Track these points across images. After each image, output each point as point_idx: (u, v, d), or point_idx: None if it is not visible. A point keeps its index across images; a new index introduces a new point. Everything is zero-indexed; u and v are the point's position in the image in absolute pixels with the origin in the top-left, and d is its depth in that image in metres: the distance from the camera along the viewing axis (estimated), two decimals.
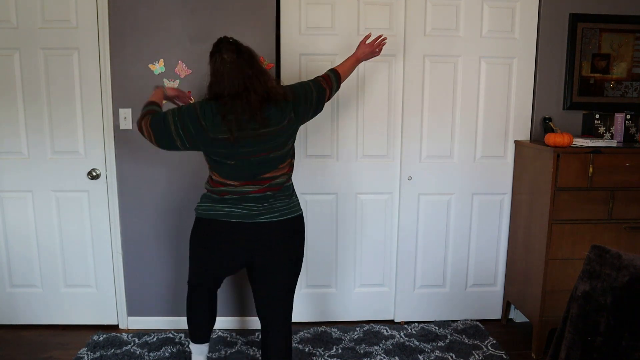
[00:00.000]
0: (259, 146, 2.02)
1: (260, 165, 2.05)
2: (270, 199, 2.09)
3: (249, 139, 2.00)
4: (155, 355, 2.75)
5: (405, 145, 3.02)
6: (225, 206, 2.08)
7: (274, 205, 2.09)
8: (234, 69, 1.98)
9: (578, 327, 1.55)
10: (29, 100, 2.86)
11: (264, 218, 2.07)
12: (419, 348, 2.85)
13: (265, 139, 2.02)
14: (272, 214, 2.08)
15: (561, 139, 2.64)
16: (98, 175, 2.94)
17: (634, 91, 3.05)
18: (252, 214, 2.06)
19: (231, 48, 2.01)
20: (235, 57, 1.99)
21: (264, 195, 2.08)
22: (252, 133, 1.99)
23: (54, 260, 3.03)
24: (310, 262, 3.13)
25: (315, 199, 3.05)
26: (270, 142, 2.04)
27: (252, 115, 1.97)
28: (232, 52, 2.00)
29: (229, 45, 2.02)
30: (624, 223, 2.71)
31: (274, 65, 2.87)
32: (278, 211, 2.09)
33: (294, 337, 2.95)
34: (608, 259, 1.53)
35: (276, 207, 2.09)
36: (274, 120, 2.03)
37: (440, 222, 3.13)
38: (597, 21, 2.95)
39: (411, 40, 2.93)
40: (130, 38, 2.81)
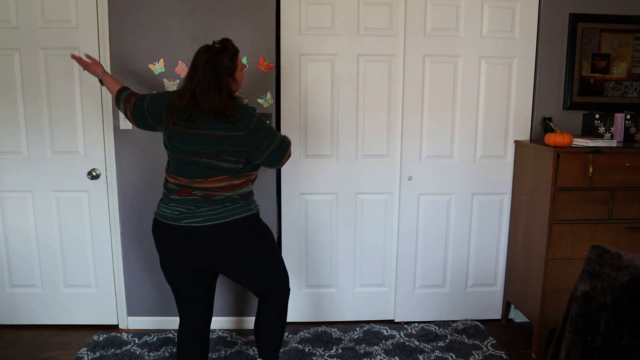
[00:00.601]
0: (189, 146, 2.01)
1: (191, 166, 2.02)
2: (194, 203, 2.03)
3: (179, 134, 2.02)
4: (155, 355, 2.75)
5: (405, 145, 3.02)
6: (160, 205, 2.11)
7: (197, 211, 2.02)
8: (198, 68, 1.99)
9: (578, 327, 1.55)
10: (29, 100, 2.86)
11: (186, 222, 2.02)
12: (419, 348, 2.85)
13: (195, 140, 2.00)
14: (194, 219, 2.01)
15: (561, 139, 2.64)
16: (98, 175, 2.94)
17: (634, 91, 3.05)
18: (175, 216, 2.03)
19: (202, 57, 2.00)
20: (204, 62, 1.99)
21: (192, 198, 2.03)
22: (182, 130, 2.01)
23: (54, 260, 3.03)
24: (310, 262, 3.13)
25: (315, 199, 3.05)
26: (200, 145, 2.00)
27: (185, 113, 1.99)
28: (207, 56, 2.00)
29: (210, 48, 2.02)
30: (624, 223, 2.71)
31: (274, 65, 2.87)
32: (201, 216, 2.02)
33: (294, 337, 2.95)
34: (608, 259, 1.53)
35: (200, 212, 2.02)
36: (205, 125, 1.99)
37: (440, 222, 3.13)
38: (597, 21, 2.95)
39: (411, 40, 2.93)
40: (130, 38, 2.81)
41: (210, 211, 2.02)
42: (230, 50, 2.03)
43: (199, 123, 1.98)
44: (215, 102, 1.97)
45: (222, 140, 2.00)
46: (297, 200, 3.03)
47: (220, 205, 2.03)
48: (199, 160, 2.02)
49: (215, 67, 1.98)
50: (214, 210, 2.02)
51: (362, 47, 2.92)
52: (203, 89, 1.97)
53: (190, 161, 2.03)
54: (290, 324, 3.15)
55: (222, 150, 2.01)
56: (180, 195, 2.04)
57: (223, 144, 2.00)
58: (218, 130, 1.99)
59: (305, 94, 2.96)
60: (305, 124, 2.98)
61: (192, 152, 2.01)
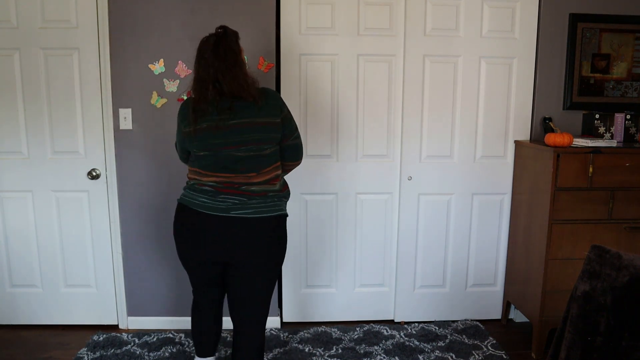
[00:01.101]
0: (225, 138, 1.97)
1: (233, 160, 1.99)
2: (246, 196, 2.01)
3: (214, 130, 1.97)
4: (155, 355, 2.75)
5: (405, 145, 3.03)
6: (200, 195, 2.04)
7: (248, 203, 2.01)
8: (207, 56, 1.98)
9: (578, 327, 1.55)
10: (29, 100, 2.86)
11: (237, 213, 2.00)
12: (419, 348, 2.85)
13: (235, 130, 1.96)
14: (246, 210, 2.00)
15: (561, 139, 2.64)
16: (98, 175, 2.94)
17: (634, 91, 3.05)
18: (225, 207, 2.00)
19: (210, 40, 2.00)
20: (211, 49, 1.97)
21: (241, 192, 2.01)
22: (215, 124, 1.96)
23: (54, 260, 3.03)
24: (311, 262, 3.13)
25: (315, 199, 3.05)
26: (242, 135, 1.97)
27: (215, 106, 1.96)
28: (209, 43, 1.99)
29: (217, 34, 2.01)
30: (624, 223, 2.71)
31: (274, 65, 2.87)
32: (253, 208, 2.01)
33: (294, 337, 2.95)
34: (608, 259, 1.53)
35: (251, 204, 2.01)
36: (241, 113, 1.97)
37: (440, 222, 3.13)
38: (597, 21, 2.95)
39: (411, 40, 2.93)
40: (130, 38, 2.81)
41: (261, 203, 2.02)
42: (232, 33, 2.03)
43: (231, 113, 1.96)
44: (240, 82, 1.96)
45: (259, 128, 1.98)
46: (297, 200, 3.03)
47: (269, 199, 2.05)
48: (238, 152, 1.98)
49: (227, 49, 1.97)
50: (264, 202, 2.03)
51: (362, 47, 2.92)
52: (225, 72, 1.95)
53: (228, 155, 1.98)
54: (290, 324, 3.16)
55: (260, 138, 1.99)
56: (227, 188, 2.01)
57: (261, 131, 1.99)
58: (252, 117, 1.97)
59: (305, 94, 2.96)
60: (305, 124, 2.98)
61: (233, 144, 1.97)
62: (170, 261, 3.02)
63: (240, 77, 1.97)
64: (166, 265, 3.03)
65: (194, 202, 2.03)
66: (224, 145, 1.98)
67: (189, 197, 2.06)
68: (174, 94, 2.87)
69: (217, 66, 1.95)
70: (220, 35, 1.99)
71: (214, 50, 1.96)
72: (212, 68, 1.96)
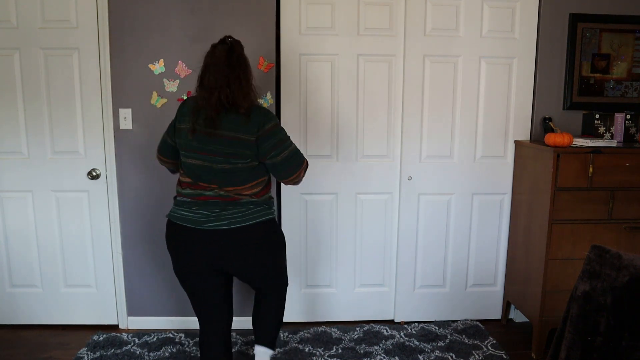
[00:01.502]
0: (210, 146, 2.01)
1: (210, 171, 2.03)
2: (218, 206, 2.04)
3: (203, 135, 2.01)
4: (155, 355, 2.75)
5: (405, 145, 3.03)
6: (180, 209, 2.08)
7: (221, 214, 2.03)
8: (218, 64, 2.02)
9: (578, 327, 1.55)
10: (29, 100, 2.86)
11: (210, 225, 2.02)
12: (419, 348, 2.85)
13: (216, 140, 2.00)
14: (220, 222, 2.02)
15: (561, 139, 2.64)
16: (98, 175, 2.94)
17: (634, 91, 3.05)
18: (199, 220, 2.03)
19: (225, 46, 2.04)
20: (225, 56, 2.02)
21: (215, 202, 2.04)
22: (206, 131, 2.01)
23: (54, 260, 3.03)
24: (311, 262, 3.13)
25: (315, 199, 3.05)
26: (220, 146, 2.00)
27: (211, 114, 2.00)
28: (223, 50, 2.03)
29: (224, 44, 2.05)
30: (624, 223, 2.71)
31: (274, 65, 2.87)
32: (227, 219, 2.03)
33: (294, 337, 2.95)
34: (608, 259, 1.53)
35: (224, 215, 2.03)
36: (228, 125, 2.00)
37: (440, 222, 3.13)
38: (597, 21, 2.95)
39: (411, 40, 2.93)
40: (130, 38, 2.81)
41: (235, 214, 2.03)
42: (239, 43, 2.09)
43: (220, 122, 1.99)
44: (244, 92, 2.01)
45: (232, 142, 2.00)
46: (297, 200, 3.03)
47: (244, 208, 2.05)
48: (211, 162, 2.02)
49: (239, 58, 2.04)
50: (239, 212, 2.04)
51: (362, 47, 2.92)
52: (235, 81, 2.00)
53: (208, 164, 2.02)
54: (290, 324, 3.16)
55: (231, 152, 2.01)
56: (201, 200, 2.04)
57: (234, 145, 2.01)
58: (229, 130, 2.00)
59: (305, 94, 2.96)
60: (305, 124, 2.98)
61: (213, 152, 2.01)
62: (170, 261, 3.01)
63: (246, 87, 2.03)
64: (166, 265, 3.03)
65: (175, 216, 2.09)
66: (199, 150, 2.02)
67: (172, 211, 2.12)
68: (174, 94, 2.87)
69: (228, 74, 2.00)
70: (232, 44, 2.05)
71: (227, 59, 2.01)
72: (222, 76, 2.00)
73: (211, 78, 2.01)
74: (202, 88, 2.04)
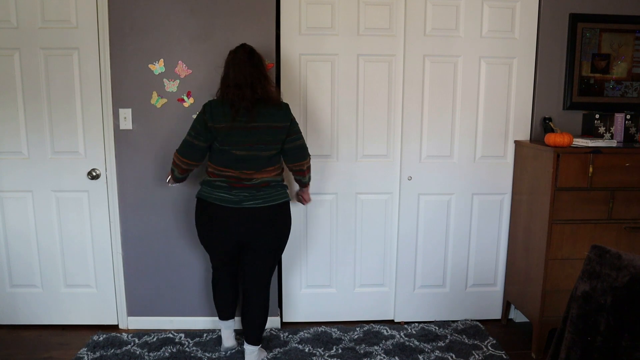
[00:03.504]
0: (247, 137, 2.36)
1: (247, 159, 2.39)
2: (255, 189, 2.42)
3: (239, 129, 2.35)
4: (155, 355, 2.75)
5: (405, 145, 3.03)
6: (217, 191, 2.42)
7: (257, 194, 2.41)
8: (242, 64, 2.37)
9: (578, 327, 1.55)
10: (29, 100, 2.86)
11: (248, 204, 2.40)
12: (419, 348, 2.85)
13: (252, 132, 2.36)
14: (255, 201, 2.41)
15: (561, 139, 2.64)
16: (98, 175, 2.94)
17: (634, 91, 3.05)
18: (237, 199, 2.40)
19: (246, 49, 2.41)
20: (247, 57, 2.38)
21: (251, 185, 2.41)
22: (242, 125, 2.35)
23: (54, 260, 3.03)
24: (311, 262, 3.13)
25: (315, 199, 3.05)
26: (256, 137, 2.36)
27: (246, 108, 2.34)
28: (245, 52, 2.39)
29: (245, 47, 2.43)
30: (624, 223, 2.71)
31: (274, 65, 2.87)
32: (261, 198, 2.42)
33: (294, 337, 2.95)
34: (608, 259, 1.53)
35: (260, 195, 2.42)
36: (263, 117, 2.37)
37: (440, 222, 3.13)
38: (597, 21, 2.95)
39: (411, 40, 2.93)
40: (130, 38, 2.81)
41: (267, 194, 2.43)
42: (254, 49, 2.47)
43: (256, 115, 2.35)
44: (271, 89, 2.41)
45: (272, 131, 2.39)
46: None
47: (274, 189, 2.46)
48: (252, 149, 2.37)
49: (260, 60, 2.43)
50: (268, 193, 2.44)
51: (362, 47, 2.92)
52: (260, 78, 2.37)
53: (245, 155, 2.37)
54: (290, 324, 3.16)
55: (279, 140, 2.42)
56: (240, 186, 2.40)
57: (272, 133, 2.39)
58: (269, 116, 2.38)
59: (305, 94, 2.96)
60: (305, 124, 2.98)
61: (249, 142, 2.36)
62: (170, 261, 3.02)
63: (269, 84, 2.42)
64: (166, 265, 3.03)
65: (212, 197, 2.42)
66: (242, 143, 2.36)
67: (207, 192, 2.45)
68: (174, 94, 2.87)
69: (253, 73, 2.36)
70: (250, 49, 2.42)
71: (249, 59, 2.38)
72: (249, 74, 2.35)
73: (238, 76, 2.35)
74: (230, 86, 2.35)
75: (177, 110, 2.86)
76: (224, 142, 2.37)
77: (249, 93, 2.33)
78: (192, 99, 2.86)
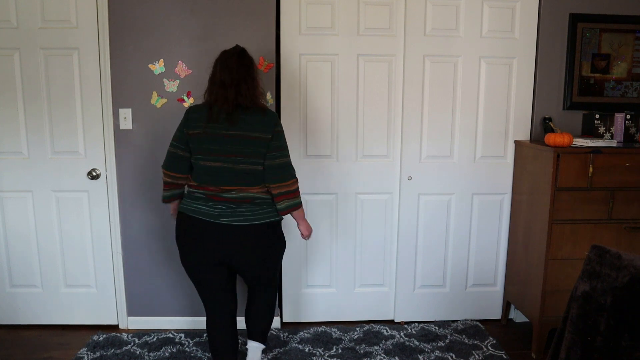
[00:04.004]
0: (221, 146, 2.11)
1: (222, 173, 2.13)
2: (234, 203, 2.14)
3: (213, 137, 2.12)
4: (155, 355, 2.75)
5: (405, 145, 3.02)
6: (195, 202, 2.18)
7: (237, 210, 2.14)
8: (231, 62, 2.16)
9: (578, 327, 1.55)
10: (29, 100, 2.86)
11: (227, 220, 2.13)
12: (419, 348, 2.85)
13: (227, 141, 2.11)
14: (235, 218, 2.13)
15: (561, 139, 2.63)
16: (98, 175, 2.94)
17: (634, 91, 3.05)
18: (215, 214, 2.14)
19: (238, 49, 2.22)
20: (237, 56, 2.18)
21: (231, 199, 2.14)
22: (216, 132, 2.11)
23: (54, 260, 3.03)
24: (311, 262, 3.13)
25: (315, 199, 3.05)
26: (232, 146, 2.11)
27: (227, 112, 2.12)
28: (235, 51, 2.20)
29: (238, 47, 2.24)
30: (624, 223, 2.71)
31: (274, 65, 2.87)
32: (242, 215, 2.14)
33: (294, 337, 2.95)
34: (608, 259, 1.53)
35: (240, 212, 2.14)
36: (242, 124, 2.12)
37: (440, 222, 3.13)
38: (597, 21, 2.95)
39: (411, 40, 2.93)
40: (130, 38, 2.81)
41: (249, 211, 2.15)
42: (246, 51, 2.26)
43: (237, 121, 2.11)
44: (257, 92, 2.17)
45: (256, 142, 2.12)
46: None
47: (258, 207, 2.17)
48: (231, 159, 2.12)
49: (250, 61, 2.21)
50: (252, 210, 2.15)
51: (362, 47, 2.92)
52: (247, 79, 2.15)
53: (224, 165, 2.13)
54: (290, 324, 3.16)
55: (255, 152, 2.13)
56: (218, 199, 2.14)
57: (256, 145, 2.13)
58: (252, 125, 2.12)
59: (305, 94, 2.96)
60: (305, 124, 2.98)
61: (229, 152, 2.11)
62: (170, 261, 3.02)
63: (256, 87, 2.19)
64: (166, 265, 3.03)
65: (190, 209, 2.17)
66: (215, 152, 2.12)
67: (186, 204, 2.20)
68: (174, 94, 2.87)
69: (241, 73, 2.14)
70: (241, 50, 2.22)
71: (239, 59, 2.17)
72: (236, 74, 2.13)
73: (225, 76, 2.13)
74: (215, 84, 2.15)
75: (177, 111, 2.86)
76: (196, 150, 2.15)
77: (233, 94, 2.11)
78: (192, 99, 2.86)
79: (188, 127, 2.16)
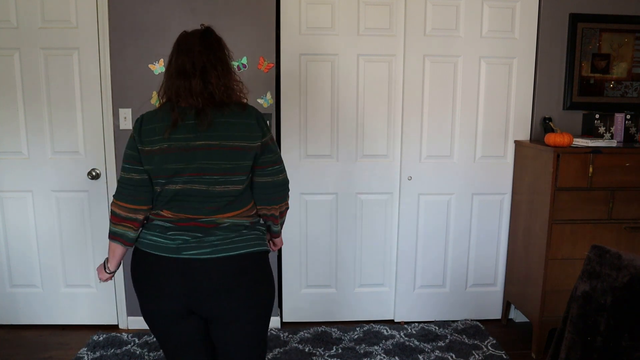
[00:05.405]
0: (189, 163, 1.53)
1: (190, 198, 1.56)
2: (203, 230, 1.56)
3: (185, 151, 1.53)
4: (155, 355, 2.75)
5: (405, 145, 3.02)
6: (149, 233, 1.60)
7: (205, 239, 1.55)
8: (191, 45, 1.58)
9: (578, 327, 1.55)
10: (29, 100, 2.86)
11: (188, 254, 1.54)
12: (419, 348, 2.85)
13: (198, 154, 1.53)
14: (201, 250, 1.54)
15: (561, 139, 2.64)
16: (98, 175, 2.94)
17: (634, 91, 3.05)
18: (174, 247, 1.55)
19: (200, 29, 1.65)
20: (198, 37, 1.60)
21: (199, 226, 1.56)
22: (181, 145, 1.53)
23: (54, 260, 3.03)
24: (310, 262, 3.13)
25: (315, 199, 3.05)
26: (205, 162, 1.53)
27: (196, 113, 1.54)
28: (198, 32, 1.63)
29: (199, 29, 1.66)
30: (624, 223, 2.71)
31: (274, 65, 2.87)
32: (211, 246, 1.54)
33: (294, 337, 2.95)
34: (608, 259, 1.53)
35: (208, 241, 1.55)
36: (218, 129, 1.54)
37: (440, 222, 3.13)
38: (597, 21, 2.95)
39: (411, 40, 2.93)
40: (130, 38, 2.81)
41: (221, 239, 1.56)
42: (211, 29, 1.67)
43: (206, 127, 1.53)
44: (232, 84, 1.60)
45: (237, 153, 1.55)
46: (297, 200, 3.03)
47: (234, 233, 1.58)
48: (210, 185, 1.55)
49: (217, 40, 1.63)
50: (227, 238, 1.56)
51: (362, 47, 2.92)
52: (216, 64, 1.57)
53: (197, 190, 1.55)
54: (290, 324, 3.16)
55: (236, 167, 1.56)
56: (182, 224, 1.57)
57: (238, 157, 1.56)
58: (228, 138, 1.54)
59: (305, 94, 2.96)
60: (305, 124, 2.98)
61: (203, 171, 1.54)
62: None
63: (231, 75, 1.61)
64: None
65: (143, 242, 1.60)
66: (180, 172, 1.54)
67: (141, 236, 1.63)
68: None
69: (207, 56, 1.57)
70: (207, 27, 1.65)
71: (201, 40, 1.58)
72: (200, 58, 1.55)
73: (184, 60, 1.56)
74: (172, 76, 1.58)
75: None
76: (156, 172, 1.56)
77: (199, 86, 1.53)
78: None
79: (142, 143, 1.56)
